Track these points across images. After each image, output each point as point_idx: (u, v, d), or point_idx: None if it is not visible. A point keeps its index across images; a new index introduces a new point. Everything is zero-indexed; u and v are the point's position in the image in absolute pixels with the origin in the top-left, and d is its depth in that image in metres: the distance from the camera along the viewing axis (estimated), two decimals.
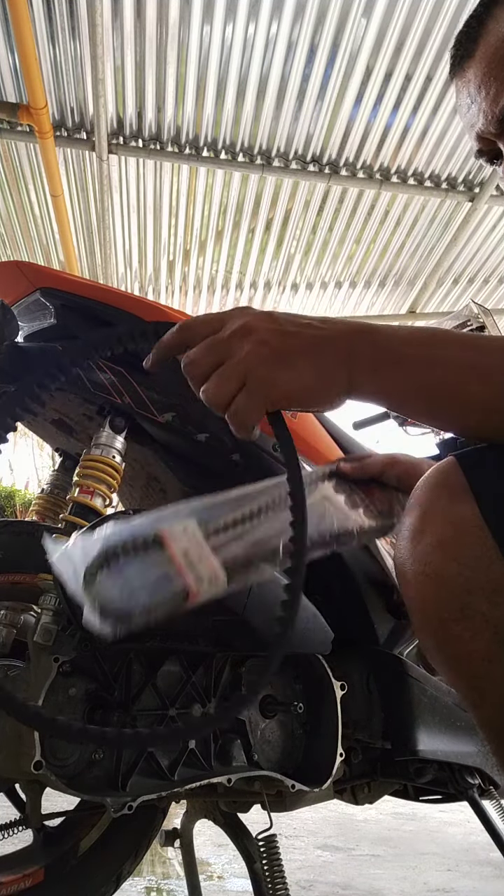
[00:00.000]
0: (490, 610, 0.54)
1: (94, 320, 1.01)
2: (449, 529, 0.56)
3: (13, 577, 0.97)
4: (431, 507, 0.58)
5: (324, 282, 5.36)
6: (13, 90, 3.83)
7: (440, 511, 0.57)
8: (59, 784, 0.78)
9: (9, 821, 0.96)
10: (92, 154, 4.15)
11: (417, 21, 3.32)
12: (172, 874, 1.70)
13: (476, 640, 0.55)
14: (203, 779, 0.88)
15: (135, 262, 5.24)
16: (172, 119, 3.99)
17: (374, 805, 1.21)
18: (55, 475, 1.23)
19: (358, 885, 1.69)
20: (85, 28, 3.42)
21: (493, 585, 0.54)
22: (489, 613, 0.54)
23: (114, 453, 0.93)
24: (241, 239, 4.85)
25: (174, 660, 0.93)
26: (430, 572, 0.56)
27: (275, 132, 4.03)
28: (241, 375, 0.56)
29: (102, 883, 0.99)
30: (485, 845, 2.13)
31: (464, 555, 0.55)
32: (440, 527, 0.57)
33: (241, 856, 1.01)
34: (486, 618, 0.54)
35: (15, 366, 0.98)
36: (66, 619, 0.82)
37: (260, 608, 0.91)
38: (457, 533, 0.56)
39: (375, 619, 1.12)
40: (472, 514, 0.55)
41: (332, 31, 3.38)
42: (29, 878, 0.92)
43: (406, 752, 1.02)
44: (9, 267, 1.05)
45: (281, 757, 0.98)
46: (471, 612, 0.55)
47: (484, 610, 0.54)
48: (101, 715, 0.84)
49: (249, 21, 3.36)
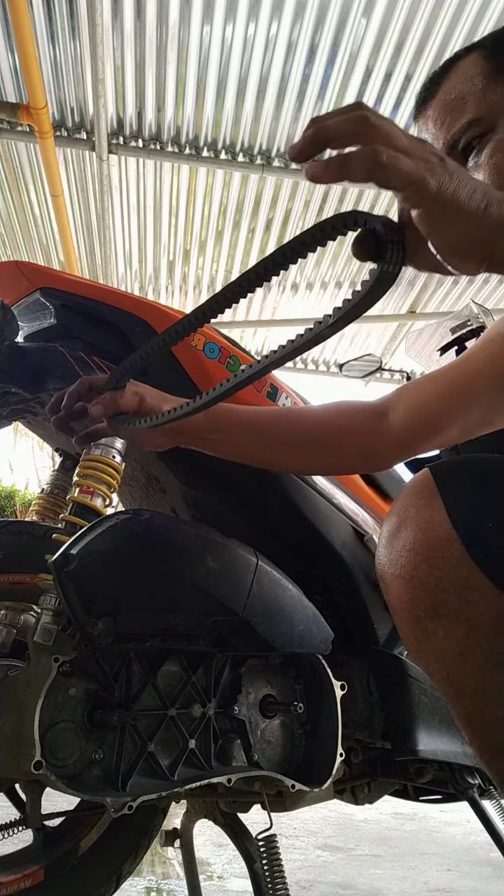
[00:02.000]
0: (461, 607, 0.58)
1: (94, 320, 1.01)
2: (420, 534, 0.61)
3: (13, 577, 0.97)
4: (405, 514, 0.63)
5: (324, 282, 5.36)
6: (13, 90, 3.83)
7: (412, 517, 0.62)
8: (59, 784, 0.78)
9: (9, 821, 0.96)
10: (92, 154, 4.15)
11: (417, 21, 3.31)
12: (172, 874, 1.70)
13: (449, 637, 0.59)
14: (203, 779, 0.88)
15: (135, 262, 5.24)
16: (172, 119, 3.99)
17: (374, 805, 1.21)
18: (55, 475, 1.23)
19: (358, 885, 1.69)
20: (85, 28, 3.42)
21: (463, 584, 0.58)
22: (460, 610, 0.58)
23: (114, 453, 0.93)
24: (241, 239, 4.85)
25: (174, 660, 0.93)
26: (405, 574, 0.61)
27: (275, 132, 4.03)
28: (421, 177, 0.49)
29: (102, 883, 0.99)
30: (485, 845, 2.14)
31: (434, 556, 0.59)
32: (412, 531, 0.61)
33: (241, 856, 1.01)
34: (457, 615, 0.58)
35: (15, 366, 0.98)
36: (66, 619, 0.82)
37: (260, 608, 0.91)
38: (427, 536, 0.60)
39: (375, 619, 1.12)
40: (441, 518, 0.60)
41: (332, 31, 3.38)
42: (29, 878, 0.92)
43: (406, 752, 1.02)
44: (9, 267, 1.05)
45: (281, 757, 0.98)
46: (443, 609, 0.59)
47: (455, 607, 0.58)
48: (101, 715, 0.84)
49: (249, 21, 3.36)
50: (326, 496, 1.11)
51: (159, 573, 0.84)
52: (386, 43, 3.43)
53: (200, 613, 0.88)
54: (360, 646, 1.11)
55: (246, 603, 0.89)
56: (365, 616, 1.11)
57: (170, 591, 0.86)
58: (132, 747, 0.86)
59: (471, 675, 0.58)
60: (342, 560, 1.09)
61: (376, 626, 1.12)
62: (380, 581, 0.65)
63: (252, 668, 0.99)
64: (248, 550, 0.93)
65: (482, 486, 0.62)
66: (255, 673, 1.00)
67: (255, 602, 0.90)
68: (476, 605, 0.58)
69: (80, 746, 0.83)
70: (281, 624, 0.93)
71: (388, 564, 0.63)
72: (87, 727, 0.84)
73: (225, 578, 0.88)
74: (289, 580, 0.96)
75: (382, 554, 0.64)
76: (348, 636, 1.09)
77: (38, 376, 0.98)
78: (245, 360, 1.06)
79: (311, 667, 1.01)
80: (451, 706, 0.62)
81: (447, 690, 0.61)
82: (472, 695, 0.59)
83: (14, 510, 7.38)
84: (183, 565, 0.86)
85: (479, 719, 0.59)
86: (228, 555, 0.90)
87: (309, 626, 0.96)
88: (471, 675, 0.58)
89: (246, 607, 0.89)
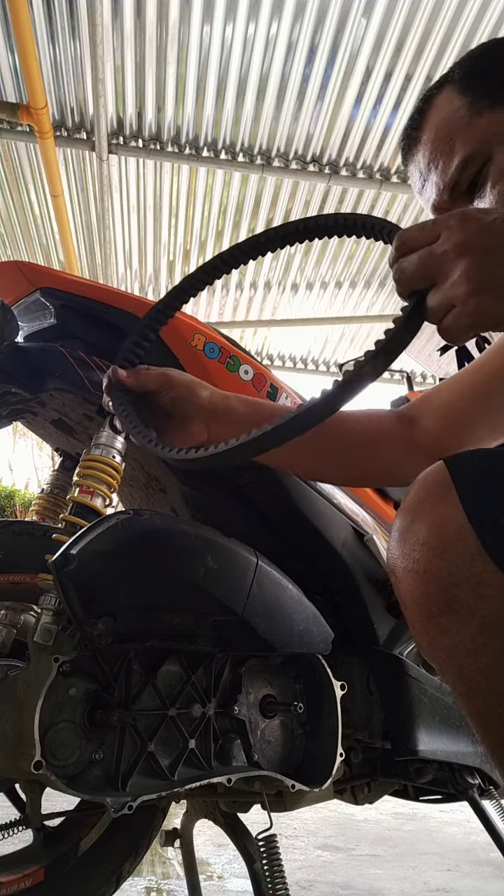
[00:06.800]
0: (475, 603, 0.57)
1: (94, 320, 1.01)
2: (434, 528, 0.59)
3: (13, 577, 0.97)
4: (419, 508, 0.61)
5: (324, 282, 5.36)
6: (13, 90, 3.83)
7: (426, 511, 0.61)
8: (59, 784, 0.78)
9: (9, 821, 0.96)
10: (92, 154, 4.15)
11: (417, 21, 3.32)
12: (172, 874, 1.70)
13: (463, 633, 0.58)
14: (203, 779, 0.88)
15: (135, 262, 5.25)
16: (172, 119, 3.99)
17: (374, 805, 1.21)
18: (55, 475, 1.23)
19: (358, 885, 1.69)
20: (85, 28, 3.42)
21: (477, 579, 0.57)
22: (474, 606, 0.57)
23: (114, 453, 0.93)
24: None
25: (174, 660, 0.93)
26: (418, 569, 0.60)
27: (275, 132, 4.03)
28: (450, 300, 0.54)
29: (102, 883, 0.99)
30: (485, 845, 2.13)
31: (448, 551, 0.58)
32: (426, 525, 0.60)
33: (241, 856, 1.01)
34: (471, 610, 0.57)
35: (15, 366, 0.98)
36: (66, 619, 0.82)
37: (260, 608, 0.91)
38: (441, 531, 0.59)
39: (375, 619, 1.12)
40: (456, 512, 0.58)
41: (332, 31, 3.38)
42: (29, 878, 0.92)
43: (406, 752, 1.02)
44: (9, 267, 1.05)
45: (281, 757, 0.98)
46: (457, 605, 0.58)
47: (469, 603, 0.57)
48: (101, 715, 0.84)
49: (249, 21, 3.36)
50: (326, 496, 1.11)
51: (159, 573, 0.84)
52: (386, 43, 3.44)
53: (200, 613, 0.88)
54: (360, 646, 1.11)
55: (246, 603, 0.89)
56: (365, 616, 1.11)
57: (170, 591, 0.86)
58: (132, 747, 0.86)
59: (483, 671, 0.57)
60: (342, 560, 1.09)
61: (376, 626, 1.12)
62: (391, 575, 0.64)
63: (252, 668, 0.99)
64: (248, 550, 0.93)
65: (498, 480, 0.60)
66: (255, 673, 1.00)
67: (255, 602, 0.90)
68: (491, 600, 0.57)
69: (80, 746, 0.83)
70: (281, 624, 0.93)
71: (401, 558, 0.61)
72: (87, 727, 0.84)
73: (225, 578, 0.88)
74: (289, 580, 0.96)
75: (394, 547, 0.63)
76: (348, 636, 1.09)
77: (38, 376, 0.98)
78: (245, 360, 1.06)
79: (311, 667, 1.01)
80: (463, 704, 0.61)
81: (459, 687, 0.60)
82: (485, 692, 0.58)
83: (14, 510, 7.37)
84: (183, 565, 0.86)
85: (491, 717, 0.58)
86: (228, 555, 0.90)
87: (309, 626, 0.96)
88: (483, 671, 0.57)
89: (246, 607, 0.89)
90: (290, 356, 6.60)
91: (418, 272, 0.55)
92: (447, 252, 0.54)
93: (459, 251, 0.53)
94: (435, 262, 0.54)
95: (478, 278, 0.52)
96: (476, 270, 0.52)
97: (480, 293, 0.52)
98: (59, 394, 1.02)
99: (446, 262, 0.54)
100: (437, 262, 0.54)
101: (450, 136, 0.80)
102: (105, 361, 0.99)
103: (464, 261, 0.53)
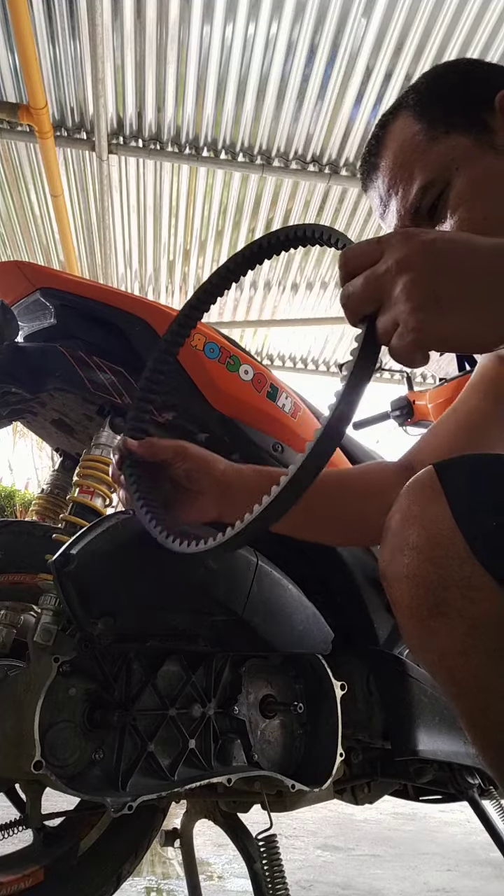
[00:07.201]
0: (464, 605, 0.58)
1: (94, 320, 1.01)
2: (423, 531, 0.60)
3: (13, 577, 0.97)
4: (408, 511, 0.62)
5: (324, 282, 5.36)
6: (13, 90, 3.83)
7: (416, 514, 0.61)
8: (59, 784, 0.78)
9: (9, 821, 0.96)
10: (92, 154, 4.15)
11: (417, 21, 3.32)
12: (172, 874, 1.70)
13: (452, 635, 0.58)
14: (203, 779, 0.88)
15: (135, 262, 5.25)
16: (172, 119, 3.99)
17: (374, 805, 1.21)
18: (55, 475, 1.23)
19: (358, 885, 1.69)
20: (85, 28, 3.42)
21: (465, 583, 0.57)
22: (463, 609, 0.58)
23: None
24: (241, 239, 4.85)
25: (174, 660, 0.93)
26: (408, 573, 0.60)
27: (275, 132, 4.03)
28: (395, 319, 0.53)
29: (102, 883, 0.99)
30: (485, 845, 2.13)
31: (437, 555, 0.59)
32: (415, 529, 0.61)
33: (241, 856, 1.01)
34: (459, 613, 0.58)
35: (15, 366, 0.98)
36: (66, 619, 0.82)
37: (260, 608, 0.91)
38: (430, 534, 0.59)
39: (375, 619, 1.12)
40: (445, 516, 0.59)
41: (332, 31, 3.38)
42: (29, 878, 0.92)
43: (406, 752, 1.02)
44: (9, 267, 1.05)
45: (281, 757, 0.98)
46: (445, 608, 0.58)
47: (458, 606, 0.58)
48: (101, 715, 0.84)
49: (249, 21, 3.36)
50: None
51: (159, 573, 0.84)
52: (386, 43, 3.44)
53: (200, 613, 0.88)
54: (360, 646, 1.11)
55: (246, 603, 0.89)
56: (365, 616, 1.11)
57: (170, 591, 0.86)
58: (132, 747, 0.86)
59: (473, 673, 0.58)
60: (342, 560, 1.09)
61: (376, 626, 1.12)
62: (382, 580, 0.65)
63: (252, 668, 0.99)
64: (248, 550, 0.93)
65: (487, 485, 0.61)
66: (255, 673, 1.00)
67: (255, 602, 0.90)
68: (479, 603, 0.57)
69: (80, 746, 0.83)
70: (281, 624, 0.93)
71: (391, 563, 0.62)
72: (87, 727, 0.84)
73: (225, 578, 0.88)
74: (289, 580, 0.96)
75: (385, 552, 0.64)
76: (348, 636, 1.09)
77: (38, 376, 0.98)
78: (245, 360, 1.06)
79: (311, 667, 1.01)
80: (454, 705, 0.62)
81: (450, 689, 0.61)
82: (475, 693, 0.59)
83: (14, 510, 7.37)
84: (183, 565, 0.86)
85: (481, 718, 0.59)
86: (228, 554, 0.90)
87: (309, 626, 0.96)
88: (473, 673, 0.58)
89: (246, 607, 0.89)
90: (290, 356, 6.60)
91: (364, 294, 0.54)
92: (389, 270, 0.53)
93: (400, 268, 0.52)
94: (378, 282, 0.53)
95: (418, 294, 0.51)
96: (416, 286, 0.51)
97: (421, 309, 0.51)
98: (59, 394, 1.02)
99: (388, 280, 0.53)
100: (381, 281, 0.53)
101: (408, 162, 0.80)
102: (105, 361, 0.99)
103: (404, 277, 0.52)
